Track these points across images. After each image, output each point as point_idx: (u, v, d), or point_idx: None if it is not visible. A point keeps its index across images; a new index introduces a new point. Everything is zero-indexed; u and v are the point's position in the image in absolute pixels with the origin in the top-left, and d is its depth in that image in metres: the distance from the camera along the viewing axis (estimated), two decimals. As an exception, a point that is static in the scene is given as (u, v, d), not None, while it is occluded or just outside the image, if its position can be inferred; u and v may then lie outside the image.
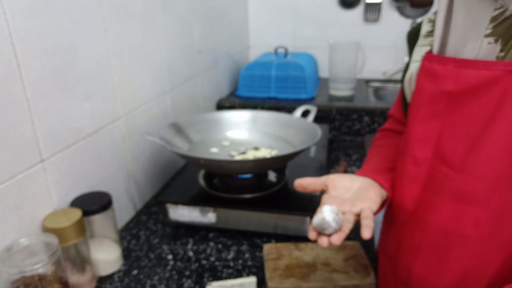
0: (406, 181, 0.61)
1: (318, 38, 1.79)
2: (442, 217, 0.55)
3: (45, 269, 0.58)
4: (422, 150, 0.58)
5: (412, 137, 0.59)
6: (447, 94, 0.53)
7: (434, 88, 0.55)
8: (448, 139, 0.54)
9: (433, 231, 0.57)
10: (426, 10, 1.68)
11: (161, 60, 1.04)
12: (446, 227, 0.55)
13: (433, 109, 0.55)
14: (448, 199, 0.54)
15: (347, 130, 1.40)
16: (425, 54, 0.57)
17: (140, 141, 0.95)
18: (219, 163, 0.83)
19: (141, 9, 0.92)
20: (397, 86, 1.77)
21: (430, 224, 0.57)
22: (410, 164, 0.60)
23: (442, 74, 0.54)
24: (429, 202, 0.57)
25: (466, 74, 0.51)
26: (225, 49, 1.56)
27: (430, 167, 0.57)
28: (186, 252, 0.80)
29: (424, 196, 0.58)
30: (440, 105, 0.54)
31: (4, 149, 0.58)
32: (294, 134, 0.98)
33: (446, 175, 0.54)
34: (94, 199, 0.71)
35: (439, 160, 0.55)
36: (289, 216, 0.80)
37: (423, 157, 0.58)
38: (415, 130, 0.59)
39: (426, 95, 0.57)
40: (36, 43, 0.62)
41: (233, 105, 1.48)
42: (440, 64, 0.54)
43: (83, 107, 0.75)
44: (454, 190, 0.53)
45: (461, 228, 0.53)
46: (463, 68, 0.51)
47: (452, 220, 0.54)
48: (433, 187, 0.56)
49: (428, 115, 0.56)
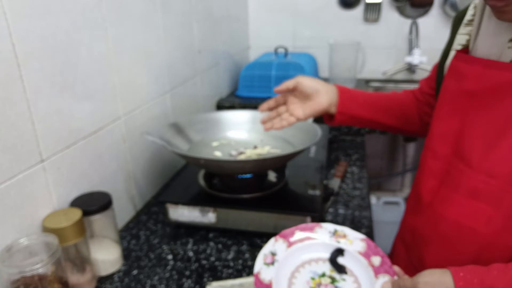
0: (425, 174, 0.63)
1: (318, 38, 1.79)
2: (456, 211, 0.57)
3: (45, 269, 0.58)
4: (442, 145, 0.60)
5: (434, 132, 0.62)
6: (469, 94, 0.55)
7: (457, 87, 0.57)
8: (467, 138, 0.56)
9: (446, 223, 0.59)
10: (426, 10, 1.68)
11: (161, 60, 1.04)
12: (459, 221, 0.57)
13: (454, 108, 0.57)
14: (463, 195, 0.56)
15: (347, 130, 1.39)
16: (456, 53, 0.59)
17: (140, 141, 0.95)
18: (219, 163, 0.83)
19: (141, 9, 0.92)
20: (397, 86, 1.77)
21: (444, 217, 0.59)
22: (430, 158, 0.62)
23: (467, 73, 0.55)
24: (444, 196, 0.59)
25: (489, 74, 0.52)
26: (225, 49, 1.56)
27: (448, 163, 0.59)
28: (186, 252, 0.80)
29: (440, 189, 0.60)
30: (461, 104, 0.56)
31: (4, 149, 0.58)
32: (294, 134, 0.98)
33: (463, 172, 0.56)
34: (94, 199, 0.71)
35: (457, 157, 0.57)
36: (289, 216, 0.80)
37: (442, 152, 0.60)
38: (437, 126, 0.61)
39: (448, 93, 0.59)
40: (36, 43, 0.62)
41: (233, 105, 1.48)
42: (467, 64, 0.56)
43: (83, 107, 0.75)
44: (469, 187, 0.55)
45: (473, 223, 0.55)
46: (488, 68, 0.52)
47: (465, 215, 0.56)
48: (450, 182, 0.58)
49: (449, 113, 0.58)
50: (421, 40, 1.70)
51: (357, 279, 0.57)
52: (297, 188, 0.90)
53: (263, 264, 0.58)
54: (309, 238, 0.63)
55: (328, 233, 0.63)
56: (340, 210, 0.92)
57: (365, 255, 0.60)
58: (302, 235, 0.63)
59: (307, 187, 0.88)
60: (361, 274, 0.58)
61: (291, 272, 0.59)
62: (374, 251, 0.60)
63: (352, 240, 0.62)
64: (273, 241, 0.62)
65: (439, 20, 1.69)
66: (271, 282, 0.55)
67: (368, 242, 0.61)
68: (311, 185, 0.89)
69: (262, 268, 0.58)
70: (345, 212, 0.92)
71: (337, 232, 0.63)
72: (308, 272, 0.59)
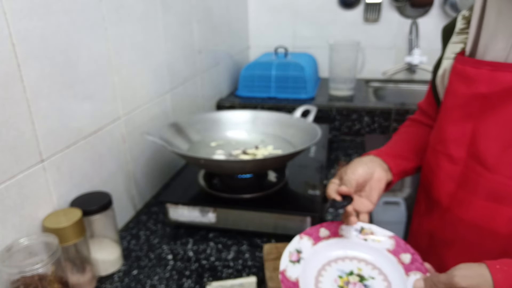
0: (442, 178, 0.63)
1: (318, 38, 1.79)
2: (475, 214, 0.57)
3: (45, 269, 0.58)
4: (458, 149, 0.60)
5: (447, 137, 0.61)
6: (481, 97, 0.55)
7: (467, 91, 0.57)
8: (482, 140, 0.56)
9: (466, 226, 0.59)
10: (426, 10, 1.68)
11: (161, 60, 1.04)
12: (479, 224, 0.57)
13: (467, 111, 0.57)
14: (481, 197, 0.56)
15: (347, 130, 1.40)
16: (457, 56, 0.59)
17: (140, 141, 0.95)
18: (219, 163, 0.83)
19: (141, 9, 0.92)
20: (397, 86, 1.77)
21: (464, 220, 0.59)
22: (447, 162, 0.62)
23: (476, 77, 0.55)
24: (463, 199, 0.59)
25: (500, 77, 0.52)
26: (225, 49, 1.56)
27: (465, 166, 0.59)
28: (186, 252, 0.80)
29: (458, 193, 0.60)
30: (474, 108, 0.56)
31: (4, 149, 0.58)
32: (294, 134, 0.98)
33: (480, 174, 0.56)
34: (94, 199, 0.71)
35: (474, 160, 0.57)
36: (289, 216, 0.80)
37: (458, 156, 0.60)
38: (450, 131, 0.61)
39: (459, 98, 0.58)
40: (36, 43, 0.62)
41: (233, 105, 1.48)
42: (474, 67, 0.56)
43: (83, 107, 0.75)
44: (487, 189, 0.55)
45: (493, 225, 0.56)
46: (497, 71, 0.52)
47: (485, 217, 0.56)
48: (468, 185, 0.58)
49: (462, 117, 0.58)
50: (421, 40, 1.70)
51: (386, 278, 0.56)
52: (297, 188, 0.90)
53: (288, 261, 0.57)
54: (335, 236, 0.62)
55: (354, 231, 0.62)
56: (340, 210, 0.92)
57: (394, 252, 0.58)
58: (327, 232, 0.62)
59: (307, 187, 0.88)
60: (391, 272, 0.57)
61: (317, 270, 0.58)
62: (403, 249, 0.58)
63: (380, 238, 0.61)
64: (298, 238, 0.61)
65: (439, 20, 1.69)
66: (297, 280, 0.54)
67: (397, 239, 0.60)
68: (311, 185, 0.89)
69: (288, 265, 0.56)
70: (345, 212, 0.91)
71: (364, 230, 0.62)
72: (336, 270, 0.58)
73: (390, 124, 1.36)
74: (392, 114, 1.35)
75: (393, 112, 1.35)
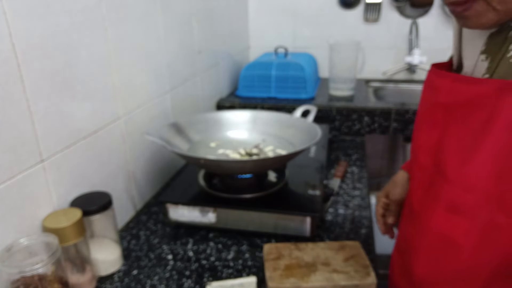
0: (414, 185, 0.63)
1: (318, 38, 1.79)
2: (439, 223, 0.57)
3: (45, 269, 0.58)
4: (424, 157, 0.60)
5: (416, 143, 0.62)
6: (443, 106, 0.55)
7: (432, 100, 0.58)
8: (444, 151, 0.56)
9: (432, 234, 0.59)
10: (426, 10, 1.68)
11: (161, 60, 1.04)
12: (443, 233, 0.57)
13: (433, 119, 0.58)
14: (442, 207, 0.57)
15: (347, 130, 1.40)
16: (431, 67, 0.60)
17: (140, 141, 0.95)
18: (219, 163, 0.83)
19: (141, 9, 0.92)
20: (397, 86, 1.77)
21: (430, 228, 0.59)
22: (417, 168, 0.62)
23: (439, 87, 0.56)
24: (428, 207, 0.59)
25: (458, 88, 0.53)
26: (225, 49, 1.56)
27: (430, 174, 0.59)
28: (186, 252, 0.80)
29: (425, 201, 0.60)
30: (438, 115, 0.57)
31: (4, 149, 0.58)
32: (294, 134, 0.98)
33: (441, 185, 0.56)
34: (94, 199, 0.71)
35: (436, 170, 0.57)
36: (289, 216, 0.80)
37: (425, 163, 0.60)
38: (419, 137, 0.61)
39: (426, 105, 0.59)
40: (36, 43, 0.62)
41: (233, 105, 1.48)
42: (438, 77, 0.56)
43: (83, 107, 0.75)
44: (447, 200, 0.56)
45: (454, 236, 0.55)
46: (457, 82, 0.53)
47: (447, 228, 0.56)
48: (432, 194, 0.58)
49: (429, 124, 0.59)
50: (421, 40, 1.70)
51: None
52: (297, 188, 0.90)
53: None
54: None
55: None
56: (340, 210, 0.92)
57: None
58: None
59: (307, 187, 0.88)
60: None
61: None
62: None
63: None
64: None
65: (439, 20, 1.69)
66: None
67: None
68: (311, 185, 0.89)
69: None
70: (345, 212, 0.92)
71: None
72: None
73: (390, 124, 1.36)
74: (392, 114, 1.35)
75: (393, 112, 1.35)
